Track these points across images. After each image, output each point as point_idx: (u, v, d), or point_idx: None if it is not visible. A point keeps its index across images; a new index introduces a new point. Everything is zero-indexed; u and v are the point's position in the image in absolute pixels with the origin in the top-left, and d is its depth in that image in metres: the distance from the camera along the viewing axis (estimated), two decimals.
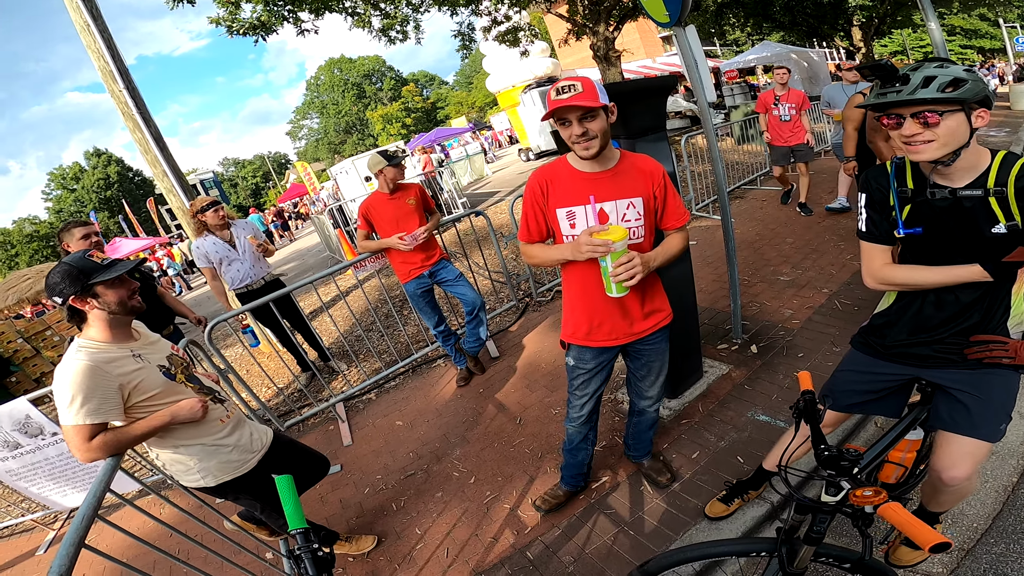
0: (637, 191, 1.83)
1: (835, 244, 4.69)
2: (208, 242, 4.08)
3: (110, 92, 4.90)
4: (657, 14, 3.00)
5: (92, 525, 1.52)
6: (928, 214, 1.42)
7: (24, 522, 3.89)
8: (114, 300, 1.72)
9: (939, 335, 1.53)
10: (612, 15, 11.05)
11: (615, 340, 2.01)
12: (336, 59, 63.45)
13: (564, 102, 1.62)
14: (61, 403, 1.61)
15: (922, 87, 1.26)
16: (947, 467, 1.56)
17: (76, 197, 47.79)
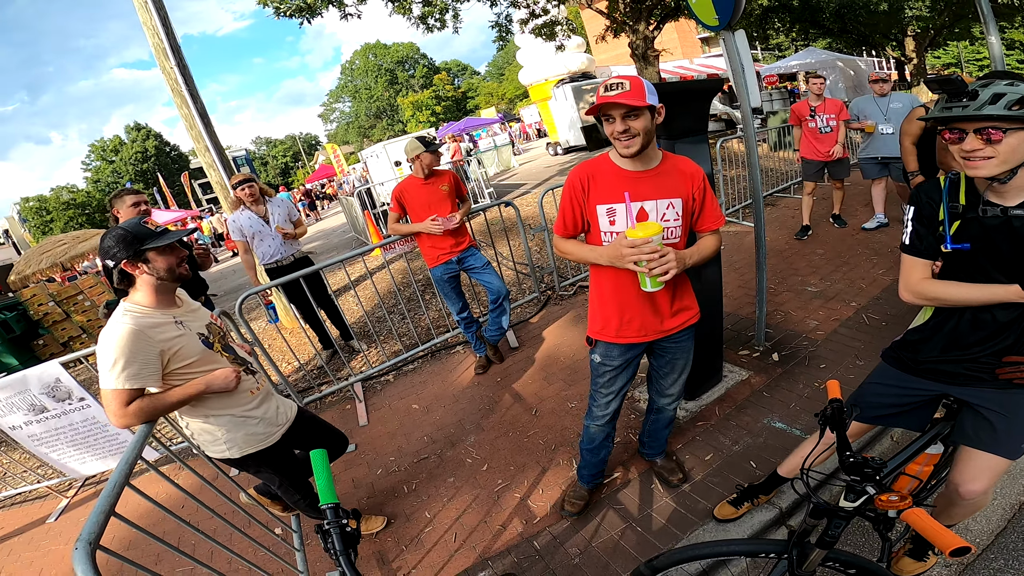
0: (677, 192, 1.83)
1: (867, 258, 4.59)
2: (243, 216, 4.19)
3: (161, 69, 5.04)
4: (706, 17, 2.96)
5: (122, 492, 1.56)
6: (977, 231, 1.40)
7: (39, 488, 3.92)
8: (164, 267, 1.78)
9: (972, 354, 1.52)
10: (654, 14, 10.91)
11: (644, 336, 2.01)
12: (372, 44, 63.87)
13: (609, 98, 1.63)
14: (104, 366, 1.66)
15: (990, 103, 1.24)
16: (966, 480, 1.59)
17: (114, 168, 49.33)
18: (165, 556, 2.76)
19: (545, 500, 2.62)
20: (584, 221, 1.91)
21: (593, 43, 18.51)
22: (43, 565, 3.15)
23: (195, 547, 2.70)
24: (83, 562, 1.25)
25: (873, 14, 16.48)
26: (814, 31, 19.87)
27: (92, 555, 1.28)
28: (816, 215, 5.80)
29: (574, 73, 21.00)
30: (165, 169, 46.64)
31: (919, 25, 16.71)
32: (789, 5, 16.37)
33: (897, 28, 17.48)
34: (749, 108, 2.98)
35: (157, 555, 2.80)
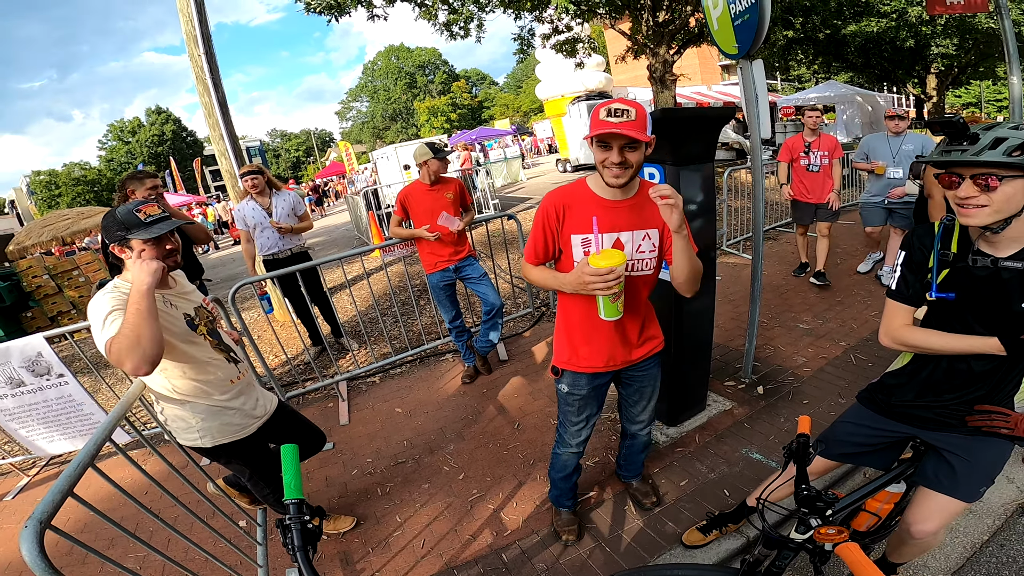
0: (654, 222, 1.78)
1: (862, 299, 4.59)
2: (248, 206, 4.23)
3: (189, 55, 5.14)
4: (726, 45, 2.99)
5: (84, 473, 1.52)
6: (964, 281, 1.39)
7: (1, 465, 3.87)
8: (147, 256, 1.76)
9: (945, 401, 1.53)
10: (676, 38, 11.00)
11: (612, 365, 1.98)
12: (395, 47, 64.58)
13: (614, 126, 1.54)
14: (97, 321, 1.64)
15: (989, 148, 1.22)
16: (917, 520, 1.60)
17: (129, 149, 49.81)
18: (119, 541, 2.72)
19: (518, 514, 2.61)
20: (555, 249, 1.85)
21: (613, 63, 18.65)
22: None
23: (152, 534, 2.69)
24: (30, 540, 1.22)
25: (899, 50, 16.45)
26: (837, 64, 19.84)
27: (41, 534, 1.24)
28: None
29: (591, 91, 21.17)
30: (179, 154, 47.05)
31: (943, 63, 16.74)
32: (815, 38, 16.38)
33: (921, 65, 17.47)
34: (759, 139, 2.98)
35: (111, 539, 2.76)
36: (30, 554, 1.21)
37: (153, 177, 3.28)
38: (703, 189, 2.59)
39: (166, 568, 2.48)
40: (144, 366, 1.57)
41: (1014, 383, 1.45)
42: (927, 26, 14.79)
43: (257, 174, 4.18)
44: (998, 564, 2.12)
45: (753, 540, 2.30)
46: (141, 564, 2.61)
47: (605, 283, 1.56)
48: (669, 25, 10.52)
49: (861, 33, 15.65)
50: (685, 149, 2.46)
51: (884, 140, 4.65)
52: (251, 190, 4.17)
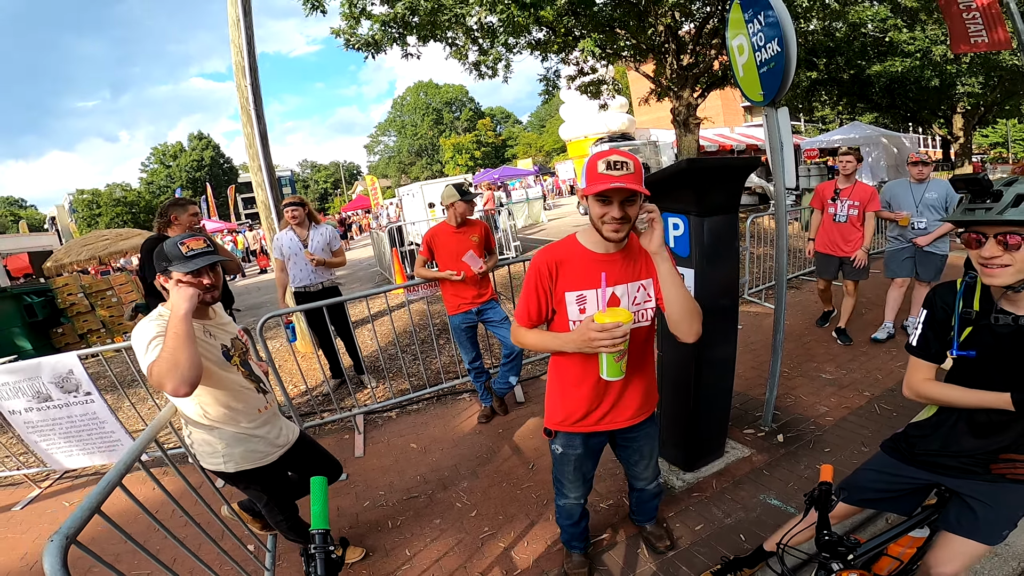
0: (648, 272, 1.76)
1: (887, 350, 4.51)
2: (286, 236, 4.40)
3: (236, 85, 5.35)
4: (751, 92, 3.00)
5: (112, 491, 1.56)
6: (987, 339, 1.39)
7: (15, 476, 3.91)
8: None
9: (968, 451, 1.53)
10: (700, 81, 11.20)
11: (610, 425, 1.95)
12: (424, 83, 66.68)
13: (617, 180, 1.50)
14: (141, 348, 1.73)
15: (1012, 206, 1.22)
16: (939, 563, 1.58)
17: (169, 173, 51.47)
18: (125, 556, 2.72)
19: (529, 553, 2.58)
20: (549, 309, 1.80)
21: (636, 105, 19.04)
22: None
23: (159, 552, 2.67)
24: (54, 555, 1.22)
25: (924, 90, 16.39)
26: (861, 105, 19.82)
27: (65, 549, 1.25)
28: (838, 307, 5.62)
29: (614, 133, 21.55)
30: (215, 180, 48.47)
31: (969, 102, 16.66)
32: (839, 78, 16.44)
33: (947, 104, 17.38)
34: (783, 187, 2.96)
35: (117, 555, 2.75)
36: (52, 568, 1.20)
37: (194, 204, 3.44)
38: (727, 240, 2.58)
39: None
40: (183, 387, 1.63)
41: None
42: (952, 65, 14.84)
43: (298, 206, 4.35)
44: None
45: None
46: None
47: (612, 339, 1.52)
48: (693, 68, 10.75)
49: (886, 73, 15.72)
50: (710, 199, 2.45)
51: (907, 187, 4.45)
52: (291, 221, 4.33)
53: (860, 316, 5.38)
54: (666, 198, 2.59)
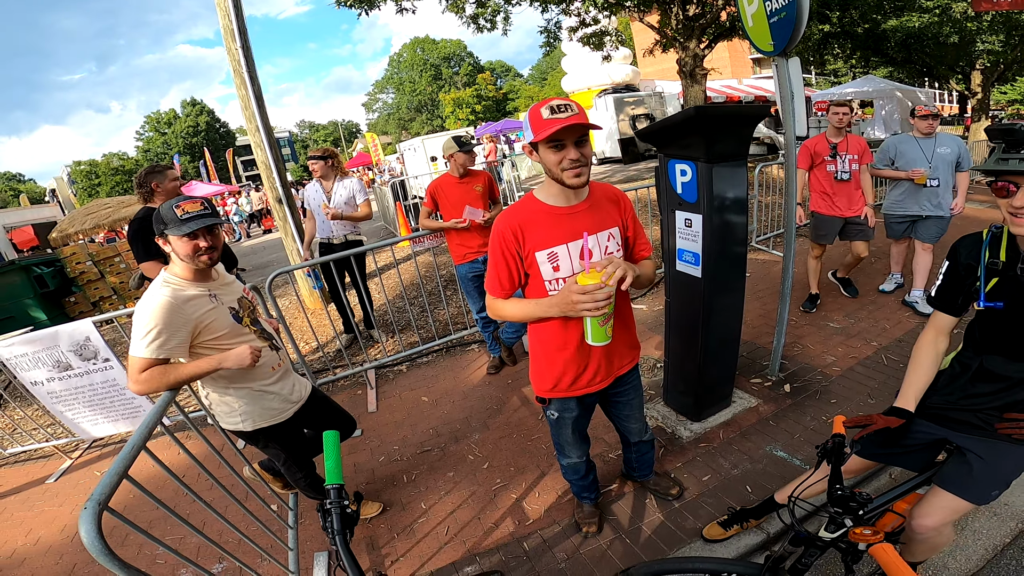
0: (613, 221, 1.74)
1: (896, 298, 4.49)
2: (311, 188, 4.42)
3: (227, 49, 5.26)
4: (761, 42, 2.92)
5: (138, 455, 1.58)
6: (1013, 290, 1.37)
7: (44, 448, 3.97)
8: (182, 251, 1.85)
9: (979, 404, 1.52)
10: (707, 32, 10.80)
11: (601, 383, 1.94)
12: (421, 39, 64.67)
13: (568, 120, 1.46)
14: (137, 333, 1.76)
15: None
16: (920, 515, 1.60)
17: (165, 140, 51.12)
18: (157, 523, 2.81)
19: (540, 504, 2.65)
20: (521, 275, 1.73)
21: (640, 56, 18.40)
22: (33, 526, 3.17)
23: (189, 516, 2.77)
24: (89, 522, 1.23)
25: (942, 46, 15.73)
26: (875, 59, 19.10)
27: (99, 516, 1.27)
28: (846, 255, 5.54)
29: (617, 84, 20.96)
30: (212, 144, 48.06)
31: (989, 59, 16.04)
32: (852, 32, 15.78)
33: (965, 61, 16.74)
34: (793, 137, 2.92)
35: (149, 521, 2.83)
36: (88, 535, 1.22)
37: (172, 169, 3.35)
38: (736, 187, 2.55)
39: (200, 549, 2.58)
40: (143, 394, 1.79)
41: None
42: (972, 22, 14.19)
43: (320, 159, 4.31)
44: (1017, 568, 2.09)
45: (774, 536, 2.30)
46: (178, 545, 2.69)
47: (595, 302, 1.46)
48: (700, 19, 10.35)
49: (902, 28, 15.08)
50: (719, 146, 2.41)
51: (914, 143, 4.06)
52: (315, 173, 4.33)
53: (869, 265, 5.34)
54: (674, 145, 2.55)
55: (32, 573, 2.78)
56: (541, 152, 1.57)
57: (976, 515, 2.35)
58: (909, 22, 14.71)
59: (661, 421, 3.15)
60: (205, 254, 1.88)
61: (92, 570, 2.69)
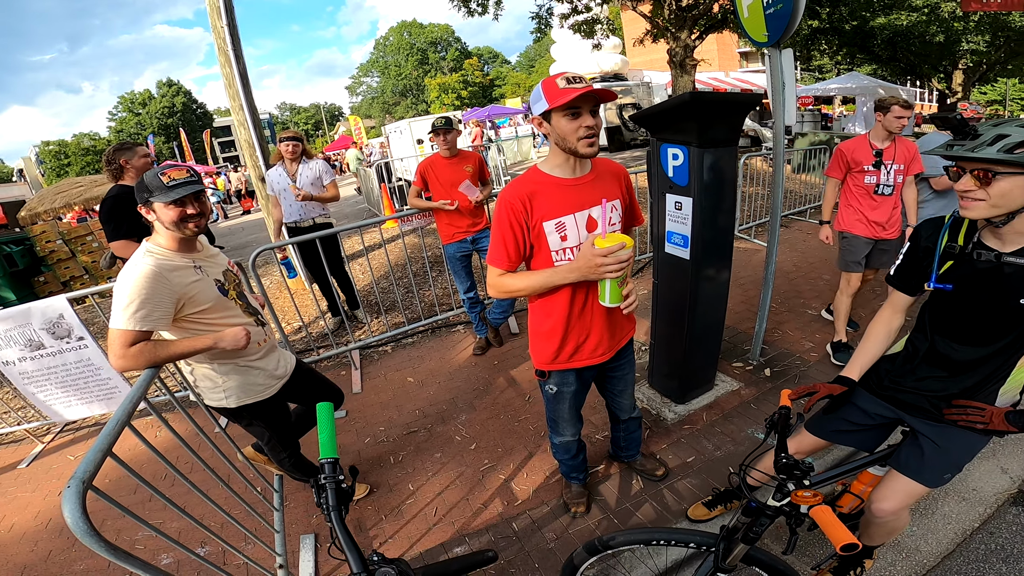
0: (615, 193, 1.78)
1: (871, 288, 4.58)
2: (275, 172, 4.29)
3: (212, 27, 5.16)
4: (756, 33, 2.96)
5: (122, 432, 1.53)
6: (966, 273, 1.42)
7: (16, 432, 3.85)
8: (167, 219, 1.79)
9: (929, 389, 1.58)
10: (698, 23, 10.83)
11: (602, 356, 1.94)
12: (408, 22, 63.78)
13: (586, 89, 1.50)
14: (118, 304, 1.70)
15: (987, 145, 1.24)
16: (879, 499, 1.66)
17: (139, 120, 49.87)
18: (139, 504, 2.75)
19: (528, 484, 2.67)
20: (527, 246, 1.72)
21: (630, 45, 18.38)
22: (6, 513, 3.09)
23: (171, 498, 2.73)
24: (72, 501, 1.19)
25: (927, 44, 16.05)
26: (861, 56, 19.43)
27: (83, 495, 1.22)
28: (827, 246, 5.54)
29: (606, 73, 20.97)
30: (189, 126, 47.03)
31: (972, 59, 16.40)
32: (840, 29, 16.01)
33: (948, 60, 17.10)
34: (783, 126, 2.96)
35: (129, 505, 2.72)
36: (72, 516, 1.18)
37: (141, 145, 3.27)
38: (726, 173, 2.59)
39: (183, 531, 2.53)
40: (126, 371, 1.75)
41: (1000, 375, 1.48)
42: (959, 22, 14.49)
43: (296, 140, 4.21)
44: (986, 552, 2.17)
45: None
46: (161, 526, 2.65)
47: (618, 262, 1.51)
48: (692, 10, 10.36)
49: (890, 26, 15.34)
50: (711, 132, 2.45)
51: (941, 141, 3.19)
52: (287, 154, 4.21)
53: None
54: (668, 129, 2.58)
55: (7, 560, 2.70)
56: (555, 122, 1.58)
57: (946, 500, 2.44)
58: (898, 20, 14.96)
59: (646, 403, 3.19)
60: (193, 221, 1.83)
61: (69, 556, 2.62)
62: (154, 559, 2.48)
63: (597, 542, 1.65)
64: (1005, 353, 1.43)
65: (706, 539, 1.53)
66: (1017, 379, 1.48)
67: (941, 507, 2.40)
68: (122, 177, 3.13)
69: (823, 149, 8.44)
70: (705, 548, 1.53)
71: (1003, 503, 2.40)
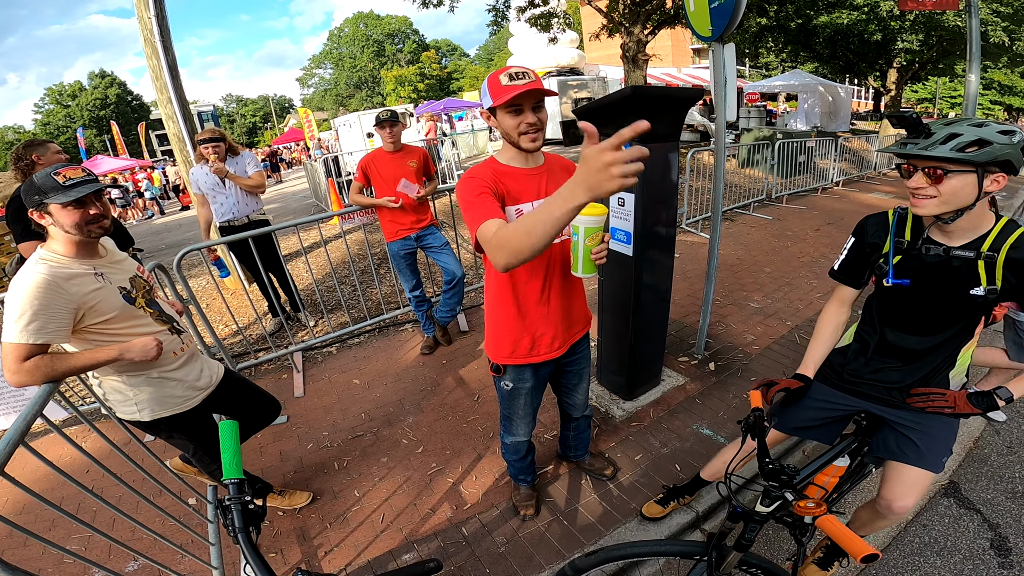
0: None
1: (808, 281, 4.78)
2: (200, 171, 4.02)
3: (139, 18, 4.89)
4: (700, 27, 2.99)
5: (15, 451, 1.43)
6: (917, 267, 1.46)
7: None
8: (68, 222, 1.65)
9: (886, 380, 1.61)
10: (651, 18, 10.98)
11: (558, 350, 1.92)
12: (365, 14, 62.24)
13: (527, 86, 1.49)
14: (9, 316, 1.56)
15: (940, 143, 1.27)
16: (898, 496, 1.65)
17: (68, 113, 47.29)
18: (61, 522, 2.58)
19: (477, 487, 2.63)
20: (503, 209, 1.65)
21: (586, 40, 18.51)
22: None
23: (95, 514, 2.58)
24: None
25: (866, 43, 16.88)
26: (804, 54, 20.24)
27: None
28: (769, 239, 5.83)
29: (563, 67, 21.00)
30: (123, 118, 44.84)
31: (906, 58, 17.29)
32: (786, 27, 16.62)
33: (884, 59, 18.01)
34: (724, 121, 3.03)
35: (52, 521, 2.62)
36: None
37: (53, 143, 3.05)
38: (668, 168, 2.61)
39: (113, 549, 2.38)
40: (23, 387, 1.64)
41: (949, 361, 1.54)
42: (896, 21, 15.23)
43: (219, 141, 3.92)
44: (921, 545, 2.24)
45: (703, 514, 2.38)
46: (86, 545, 2.49)
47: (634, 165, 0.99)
48: (646, 5, 10.49)
49: (831, 24, 16.01)
50: (653, 127, 2.44)
51: None
52: (213, 159, 3.94)
53: (785, 248, 5.63)
54: (610, 123, 2.56)
55: None
56: (499, 117, 1.59)
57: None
58: (839, 19, 15.62)
59: (595, 400, 3.20)
60: (96, 223, 1.69)
61: None
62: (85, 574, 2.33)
63: (569, 568, 1.59)
64: (954, 341, 1.49)
65: (692, 548, 1.50)
66: (963, 363, 1.55)
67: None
68: (34, 172, 2.91)
69: (766, 144, 8.74)
70: (698, 557, 1.49)
71: (935, 495, 2.48)
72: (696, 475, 2.26)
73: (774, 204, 8.12)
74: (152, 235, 11.71)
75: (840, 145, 9.92)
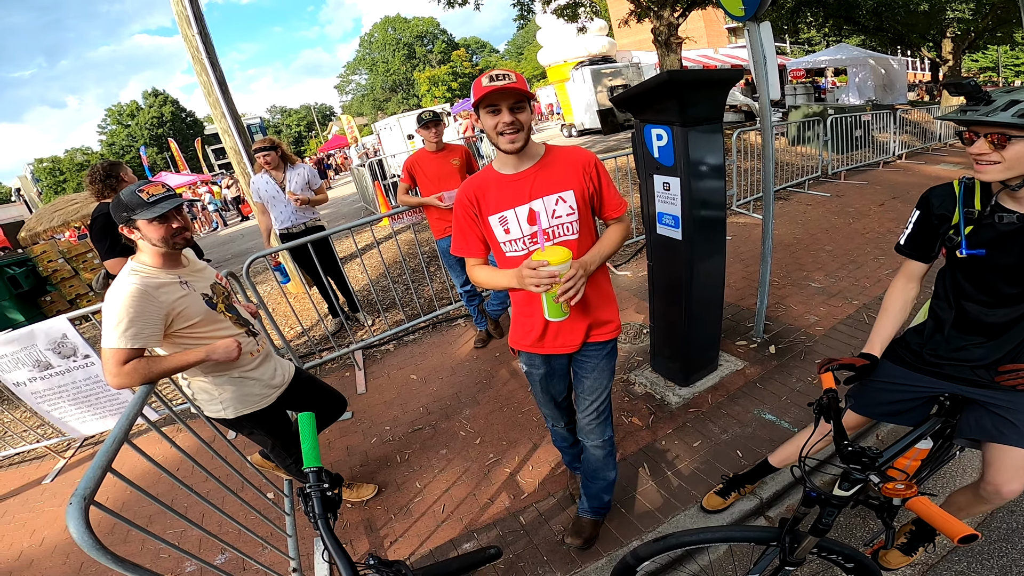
0: (567, 184, 1.71)
1: (875, 258, 4.55)
2: (261, 180, 4.24)
3: (183, 36, 5.08)
4: (732, 7, 2.92)
5: (120, 448, 1.54)
6: (991, 237, 1.40)
7: (37, 448, 3.88)
8: (154, 236, 1.78)
9: (971, 358, 1.54)
10: (680, 1, 10.69)
11: (563, 347, 1.90)
12: (392, 18, 63.27)
13: (500, 86, 1.53)
14: (108, 324, 1.70)
15: (1002, 110, 1.26)
16: (1007, 480, 1.56)
17: (129, 132, 49.79)
18: (157, 518, 2.79)
19: (534, 477, 2.66)
20: (483, 237, 1.80)
21: (615, 27, 18.16)
22: (36, 526, 3.13)
23: (187, 509, 2.74)
24: (76, 517, 1.22)
25: (912, 13, 15.79)
26: (848, 27, 19.16)
27: (86, 510, 1.25)
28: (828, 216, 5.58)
29: (594, 56, 20.73)
30: (180, 134, 46.97)
31: (959, 27, 16.14)
32: (824, 1, 15.82)
33: (936, 29, 16.87)
34: (768, 100, 2.96)
35: (150, 517, 2.82)
36: (77, 531, 1.21)
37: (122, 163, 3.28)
38: (712, 150, 2.56)
39: (203, 542, 2.56)
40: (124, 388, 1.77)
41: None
42: None
43: (270, 150, 4.15)
44: (1008, 531, 2.10)
45: (767, 501, 2.31)
46: (179, 539, 2.66)
47: (539, 278, 1.49)
48: None
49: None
50: (693, 110, 2.42)
51: None
52: (265, 165, 4.17)
53: (848, 225, 5.38)
54: (649, 109, 2.55)
55: (42, 573, 2.74)
56: (482, 117, 1.64)
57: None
58: None
59: (650, 387, 3.17)
60: (179, 235, 1.82)
61: (100, 568, 2.63)
62: (178, 567, 2.52)
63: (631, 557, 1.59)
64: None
65: (765, 534, 1.47)
66: None
67: None
68: (111, 194, 3.13)
69: (817, 121, 8.35)
70: (771, 543, 1.47)
71: None
72: (760, 462, 2.20)
73: (831, 181, 7.76)
74: (218, 246, 12.38)
75: (900, 117, 9.37)
